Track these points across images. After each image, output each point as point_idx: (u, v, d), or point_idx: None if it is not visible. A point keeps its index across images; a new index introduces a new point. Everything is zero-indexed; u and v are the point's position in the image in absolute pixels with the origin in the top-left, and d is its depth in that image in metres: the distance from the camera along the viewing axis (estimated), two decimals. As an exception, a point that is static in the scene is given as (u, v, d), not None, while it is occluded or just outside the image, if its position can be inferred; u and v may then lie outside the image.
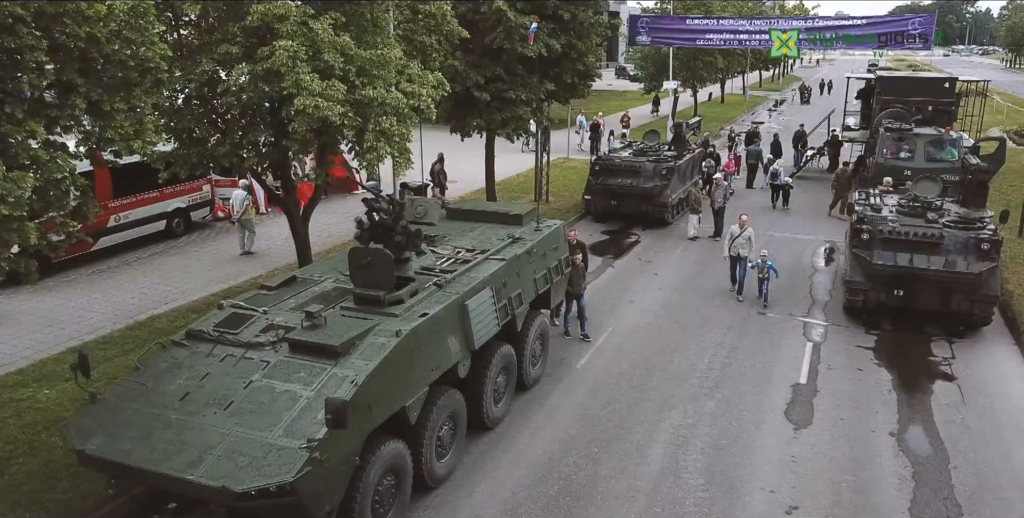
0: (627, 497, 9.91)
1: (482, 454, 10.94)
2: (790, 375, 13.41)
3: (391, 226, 10.64)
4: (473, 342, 10.37)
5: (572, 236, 15.13)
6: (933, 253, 14.86)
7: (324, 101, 12.46)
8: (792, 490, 10.09)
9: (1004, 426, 11.71)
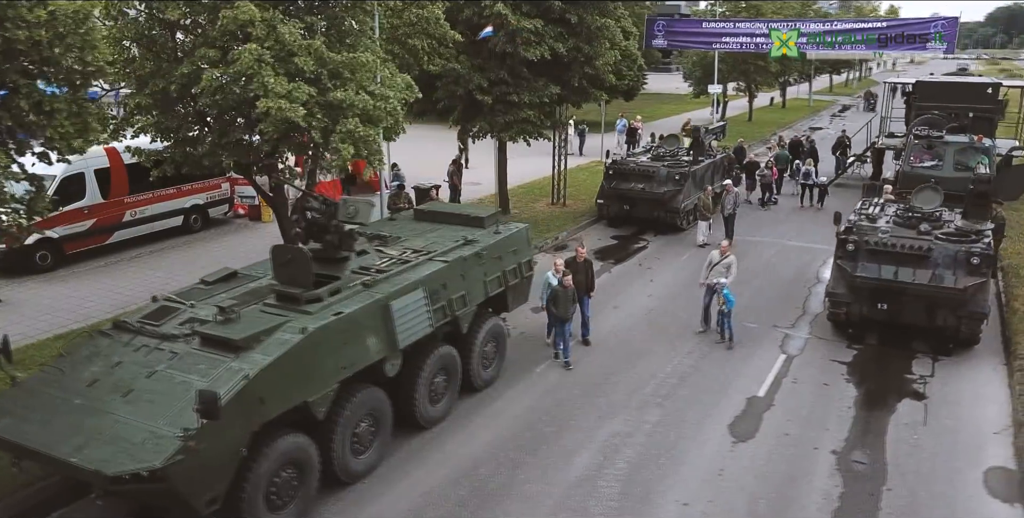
0: (535, 502, 9.88)
1: (412, 453, 11.06)
2: (750, 387, 13.07)
3: (325, 226, 10.89)
4: (397, 342, 10.50)
5: (581, 254, 14.94)
6: (920, 266, 14.25)
7: (288, 103, 12.81)
8: (707, 504, 9.87)
9: (960, 450, 11.15)
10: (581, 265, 14.76)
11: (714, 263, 15.27)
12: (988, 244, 14.41)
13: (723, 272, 15.03)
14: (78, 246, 18.91)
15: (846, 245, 14.83)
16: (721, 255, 15.29)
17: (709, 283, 15.17)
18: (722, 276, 14.91)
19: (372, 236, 12.91)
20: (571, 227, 23.32)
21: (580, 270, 14.64)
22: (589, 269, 15.03)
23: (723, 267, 15.10)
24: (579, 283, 14.32)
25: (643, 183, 22.72)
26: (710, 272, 15.24)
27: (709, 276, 15.21)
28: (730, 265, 15.15)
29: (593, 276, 15.13)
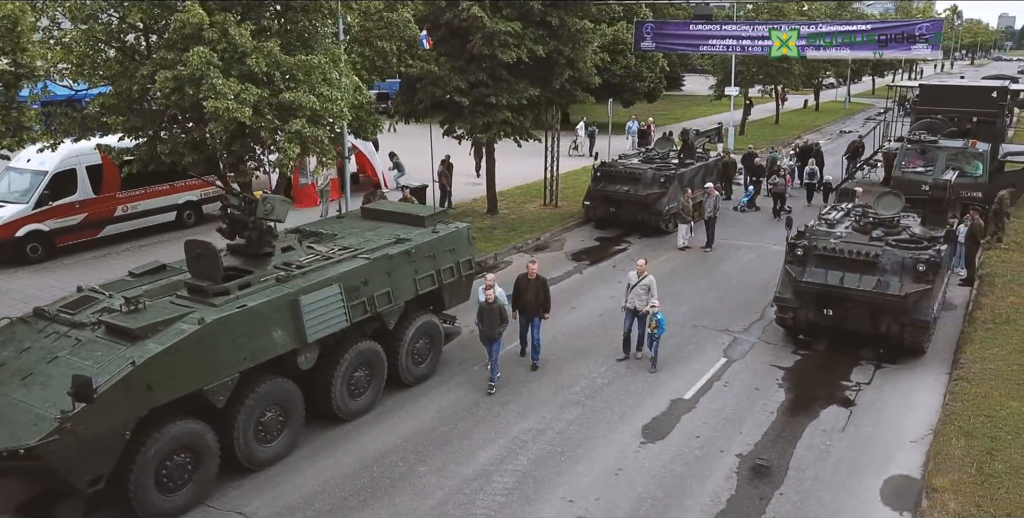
0: (425, 494, 10.15)
1: (326, 444, 11.42)
2: (678, 390, 13.11)
3: (244, 222, 11.33)
4: (306, 336, 10.87)
5: (531, 270, 13.79)
6: (867, 272, 14.10)
7: (235, 103, 13.32)
8: (593, 502, 10.00)
9: (869, 458, 11.03)
10: (532, 283, 13.67)
11: (632, 284, 13.98)
12: (938, 251, 14.18)
13: (642, 294, 13.81)
14: (69, 239, 19.79)
15: (795, 250, 14.74)
16: (638, 276, 14.01)
17: (629, 307, 13.98)
18: (641, 299, 13.78)
19: (309, 233, 13.34)
20: (556, 228, 23.49)
21: (530, 288, 13.64)
22: (542, 288, 13.75)
23: (642, 289, 13.83)
24: (529, 302, 13.60)
25: (629, 185, 22.78)
26: (629, 294, 13.99)
27: (629, 299, 13.97)
28: (650, 286, 13.89)
29: (547, 295, 13.80)
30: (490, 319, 12.88)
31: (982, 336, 14.78)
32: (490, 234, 22.28)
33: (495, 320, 12.87)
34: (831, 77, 65.19)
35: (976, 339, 14.63)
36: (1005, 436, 11.09)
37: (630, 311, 14.00)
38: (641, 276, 14.00)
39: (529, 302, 13.63)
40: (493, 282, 13.16)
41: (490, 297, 12.81)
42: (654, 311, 13.57)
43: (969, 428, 11.36)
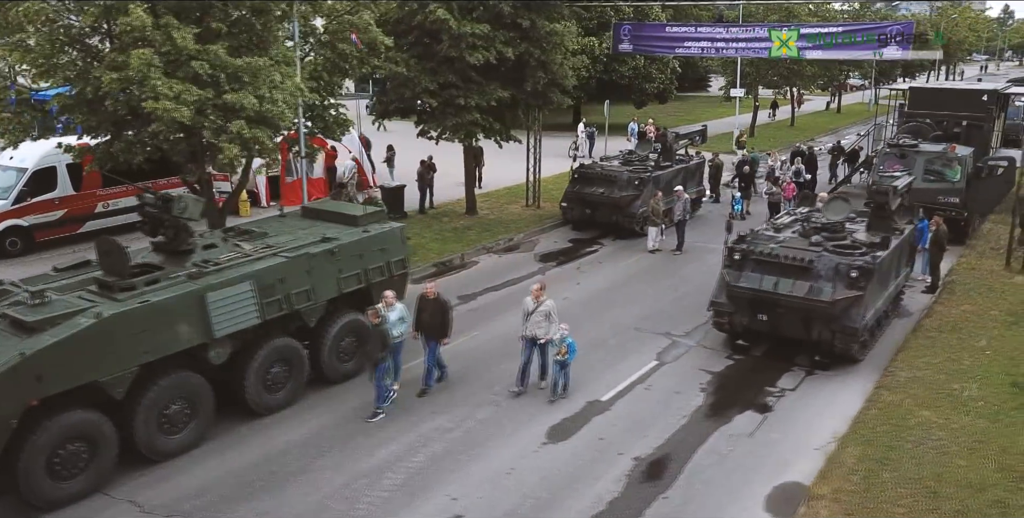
0: (314, 488, 10.39)
1: (237, 437, 11.72)
2: (598, 392, 13.16)
3: (161, 220, 11.70)
4: (213, 332, 11.19)
5: (429, 291, 13.03)
6: (801, 278, 13.98)
7: (175, 104, 13.72)
8: (475, 500, 10.15)
9: (766, 464, 10.99)
10: (430, 303, 12.90)
11: (529, 312, 12.72)
12: (874, 258, 14.01)
13: (542, 321, 12.64)
14: (48, 234, 20.46)
15: (733, 254, 14.68)
16: (535, 301, 12.75)
17: (528, 335, 12.77)
18: (541, 327, 12.62)
19: (241, 231, 13.68)
20: (531, 229, 23.60)
21: (427, 309, 12.88)
22: (442, 310, 12.94)
23: (540, 316, 12.64)
24: (425, 323, 12.87)
25: (604, 187, 22.78)
26: (528, 322, 12.75)
27: (527, 327, 12.74)
28: (549, 312, 12.68)
29: (447, 319, 12.97)
30: (374, 341, 12.13)
31: (921, 344, 14.60)
32: (463, 234, 22.49)
33: (375, 344, 12.08)
34: (857, 78, 64.22)
35: (913, 347, 14.46)
36: (904, 445, 10.97)
37: (529, 340, 12.82)
38: (539, 302, 12.76)
39: (425, 323, 12.89)
40: (392, 300, 12.61)
41: (374, 318, 12.08)
42: (563, 335, 12.66)
43: (871, 436, 11.26)
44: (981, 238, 22.02)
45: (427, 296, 13.02)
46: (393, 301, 12.66)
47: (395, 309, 12.62)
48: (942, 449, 10.84)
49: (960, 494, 9.78)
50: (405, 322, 12.76)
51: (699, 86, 67.32)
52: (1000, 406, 12.05)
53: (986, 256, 20.07)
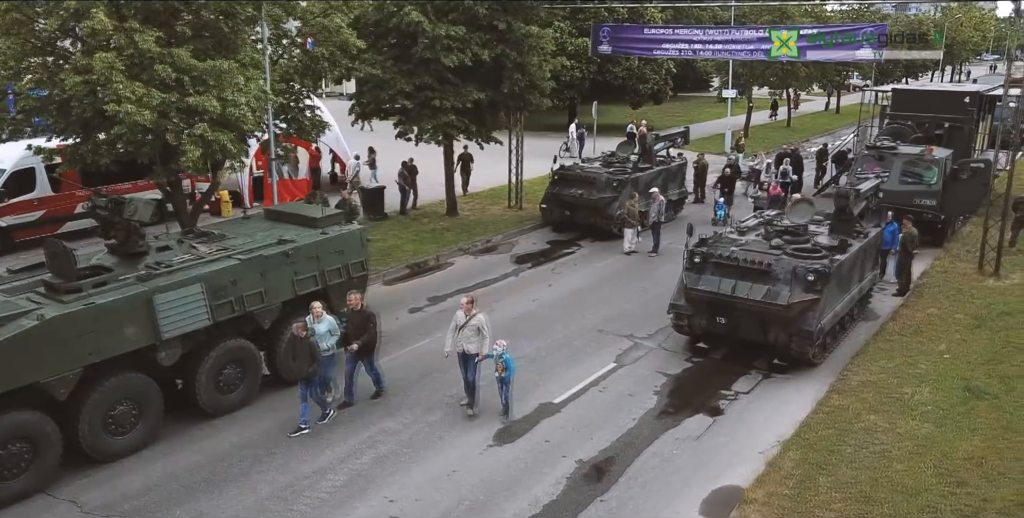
0: (257, 489, 10.47)
1: (189, 438, 11.82)
2: (552, 394, 13.20)
3: (111, 222, 11.81)
4: (160, 333, 11.29)
5: (354, 302, 12.50)
6: (759, 281, 13.97)
7: (136, 107, 13.85)
8: (411, 502, 10.21)
9: (708, 467, 11.00)
10: (356, 316, 12.48)
11: (460, 325, 12.26)
12: (832, 261, 13.98)
13: (472, 336, 12.16)
14: (27, 234, 20.66)
15: (693, 257, 14.69)
16: (466, 315, 12.24)
17: (457, 351, 12.30)
18: (471, 342, 12.15)
19: (200, 233, 13.79)
20: (511, 230, 23.64)
21: (353, 322, 12.47)
22: (368, 323, 12.48)
23: (471, 330, 12.16)
24: (353, 338, 12.38)
25: (583, 189, 22.79)
26: (458, 336, 12.26)
27: (458, 342, 12.27)
28: (480, 327, 12.16)
29: (375, 332, 12.56)
30: (300, 354, 11.70)
31: (880, 348, 14.58)
32: (440, 235, 22.56)
33: (304, 357, 11.63)
34: (858, 78, 63.88)
35: (871, 351, 14.44)
36: (845, 449, 10.97)
37: (463, 356, 12.35)
38: (469, 315, 12.24)
39: (352, 336, 12.43)
40: (321, 311, 12.23)
41: (299, 331, 11.69)
42: (499, 351, 12.09)
43: (814, 440, 11.26)
44: (959, 241, 21.93)
45: (353, 308, 12.53)
46: (322, 312, 12.26)
47: (324, 321, 12.23)
48: (883, 453, 10.83)
49: (893, 499, 9.77)
50: (334, 335, 12.30)
51: (701, 87, 67.17)
52: (949, 411, 12.02)
53: (961, 259, 19.99)
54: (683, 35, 22.80)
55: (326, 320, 12.28)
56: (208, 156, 14.91)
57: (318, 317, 12.22)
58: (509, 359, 12.15)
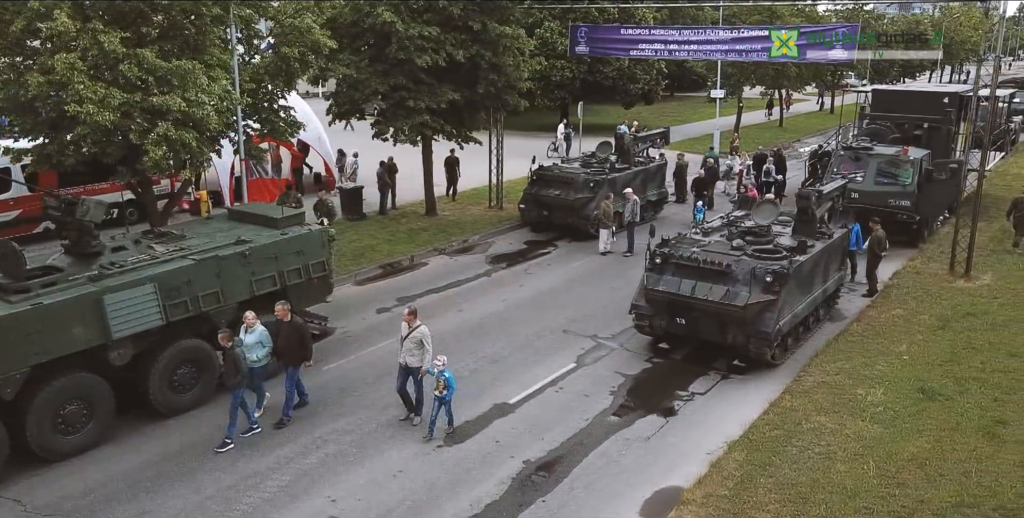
0: (201, 488, 10.52)
1: (142, 437, 11.87)
2: (507, 394, 13.22)
3: (64, 223, 11.88)
4: (111, 333, 11.34)
5: (281, 313, 12.10)
6: (719, 282, 13.98)
7: (96, 108, 13.91)
8: (353, 501, 10.25)
9: (653, 468, 10.99)
10: (285, 326, 12.11)
11: (403, 336, 11.97)
12: (791, 262, 13.98)
13: (414, 349, 11.82)
14: (3, 234, 20.55)
15: (655, 258, 14.70)
16: (408, 327, 11.93)
17: (401, 363, 12.01)
18: (413, 355, 11.82)
19: (159, 234, 13.85)
20: (488, 231, 23.66)
21: (282, 333, 12.12)
22: (297, 334, 12.15)
23: (413, 343, 11.81)
24: (281, 348, 12.12)
25: (560, 189, 22.83)
26: (402, 348, 12.00)
27: (400, 354, 12.02)
28: (422, 339, 11.81)
29: (304, 342, 12.21)
30: (228, 365, 11.44)
31: (840, 348, 14.57)
32: (417, 235, 22.59)
33: (231, 368, 11.37)
34: (855, 78, 63.72)
35: (831, 351, 14.44)
36: (790, 450, 10.97)
37: (403, 367, 12.04)
38: (412, 327, 11.89)
39: (281, 348, 12.14)
40: (252, 321, 11.91)
41: (225, 341, 11.37)
42: (439, 369, 11.66)
43: (760, 441, 11.27)
44: (936, 242, 21.88)
45: (280, 319, 12.13)
46: (254, 323, 11.92)
47: (254, 332, 11.90)
48: (827, 455, 10.83)
49: (830, 500, 9.77)
50: (264, 346, 11.96)
51: (698, 87, 67.08)
52: (899, 412, 12.01)
53: (934, 260, 19.96)
54: (659, 35, 22.80)
55: (257, 331, 11.92)
56: (171, 156, 14.95)
57: (250, 327, 11.88)
58: (451, 377, 11.71)
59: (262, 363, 12.04)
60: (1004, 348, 14.33)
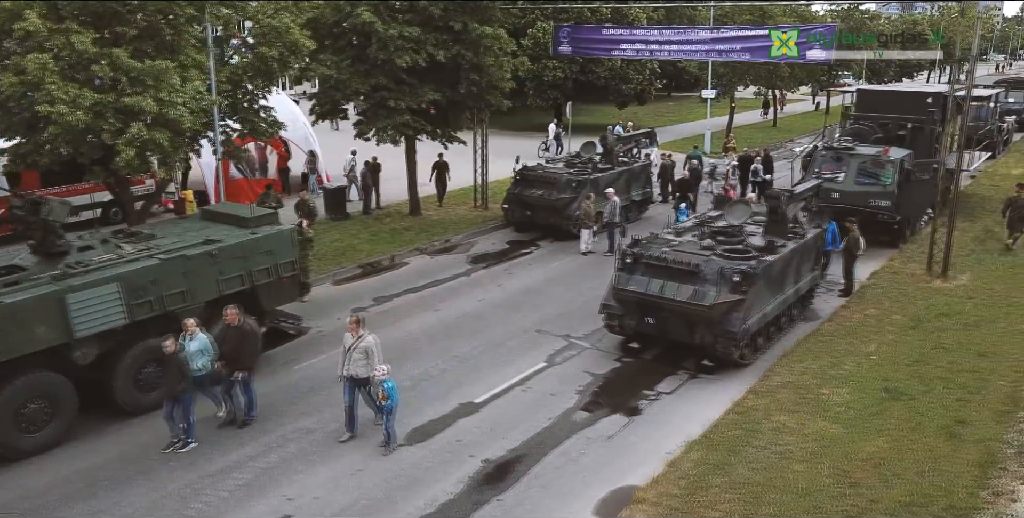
0: (160, 486, 10.57)
1: (105, 436, 11.92)
2: (475, 394, 13.25)
3: (28, 223, 11.94)
4: (73, 332, 11.40)
5: (229, 317, 11.94)
6: (687, 282, 13.98)
7: (67, 108, 13.99)
8: (309, 500, 10.29)
9: (611, 467, 10.98)
10: (232, 331, 11.88)
11: (347, 348, 11.51)
12: (759, 262, 13.99)
13: (360, 360, 11.40)
14: (-17, 235, 20.84)
15: (625, 258, 14.72)
16: (353, 337, 11.50)
17: (345, 375, 11.55)
18: (359, 365, 11.40)
19: (129, 233, 13.91)
20: (471, 230, 23.70)
21: (229, 338, 11.89)
22: (244, 340, 11.89)
23: (360, 353, 11.39)
24: (227, 354, 11.85)
25: (543, 189, 22.83)
26: (347, 360, 11.51)
27: (347, 366, 11.51)
28: (368, 350, 11.37)
29: (250, 349, 12.06)
30: (168, 373, 11.37)
31: (809, 348, 14.58)
32: (399, 235, 22.64)
33: (173, 376, 11.22)
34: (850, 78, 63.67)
35: (800, 351, 14.44)
36: (747, 450, 10.98)
37: (350, 380, 11.58)
38: (357, 338, 11.48)
39: (227, 354, 11.86)
40: (193, 328, 11.62)
41: (169, 348, 11.12)
42: (380, 378, 11.23)
43: (719, 441, 11.28)
44: (918, 242, 21.83)
45: (229, 323, 11.88)
46: (194, 329, 11.64)
47: (196, 339, 11.62)
48: (784, 454, 10.84)
49: (782, 499, 9.78)
50: (207, 354, 11.66)
51: (695, 87, 67.06)
52: (861, 412, 12.01)
53: (913, 260, 19.94)
54: (640, 35, 22.83)
55: (199, 338, 11.64)
56: (144, 156, 15.02)
57: (191, 334, 11.58)
58: (392, 387, 11.23)
59: (204, 371, 11.65)
60: (974, 348, 14.31)
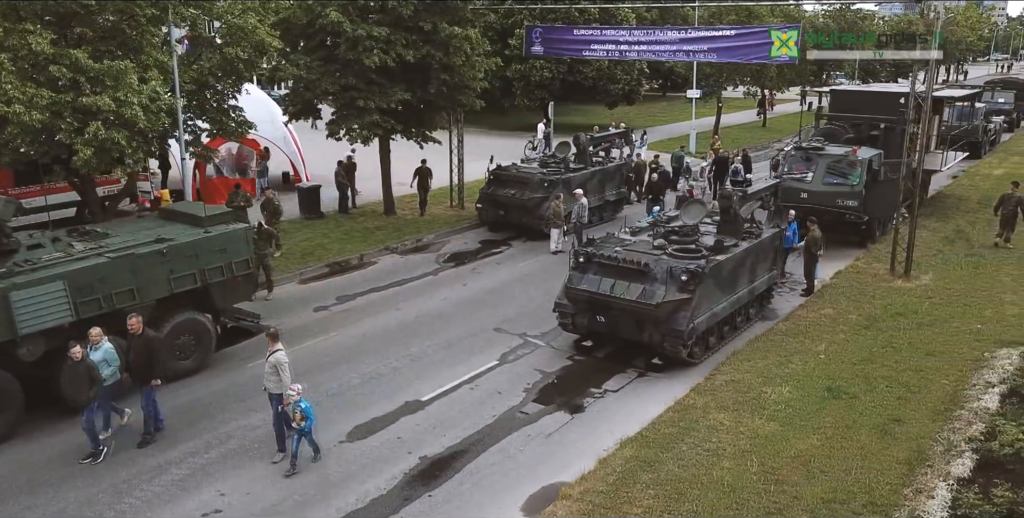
0: (97, 482, 10.70)
1: (53, 433, 12.00)
2: (421, 392, 13.35)
3: (-25, 222, 12.08)
4: (16, 330, 11.53)
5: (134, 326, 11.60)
6: (637, 281, 14.08)
7: (24, 108, 14.12)
8: (241, 496, 10.41)
9: (548, 466, 11.08)
10: (136, 341, 11.59)
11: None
12: (710, 261, 14.08)
13: (270, 375, 11.08)
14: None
15: (578, 257, 14.81)
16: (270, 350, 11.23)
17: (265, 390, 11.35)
18: (270, 381, 11.10)
19: (83, 232, 14.05)
20: (444, 230, 23.79)
21: (134, 348, 11.65)
22: (148, 348, 11.59)
23: (270, 367, 11.05)
24: (132, 365, 11.68)
25: (516, 189, 22.95)
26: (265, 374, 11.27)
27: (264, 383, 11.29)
28: (278, 366, 10.98)
29: (155, 359, 11.65)
30: (74, 380, 11.07)
31: (759, 347, 14.65)
32: (371, 234, 22.74)
33: (80, 382, 10.95)
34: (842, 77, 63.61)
35: (749, 350, 14.52)
36: (680, 447, 11.06)
37: (273, 397, 11.26)
38: (270, 351, 11.22)
39: (132, 363, 11.71)
40: (98, 338, 11.42)
41: (76, 354, 10.88)
42: (294, 399, 10.85)
43: (654, 438, 11.37)
44: (886, 242, 21.85)
45: (133, 332, 11.58)
46: (99, 339, 11.41)
47: (100, 349, 11.43)
48: (715, 451, 10.92)
49: (706, 496, 9.87)
50: (111, 365, 11.51)
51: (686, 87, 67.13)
52: (800, 410, 12.09)
53: (879, 260, 19.99)
54: (610, 36, 22.88)
55: (102, 348, 11.47)
56: (102, 156, 15.14)
57: (95, 344, 11.37)
58: (308, 407, 10.91)
59: (108, 381, 11.43)
60: (923, 347, 14.38)
